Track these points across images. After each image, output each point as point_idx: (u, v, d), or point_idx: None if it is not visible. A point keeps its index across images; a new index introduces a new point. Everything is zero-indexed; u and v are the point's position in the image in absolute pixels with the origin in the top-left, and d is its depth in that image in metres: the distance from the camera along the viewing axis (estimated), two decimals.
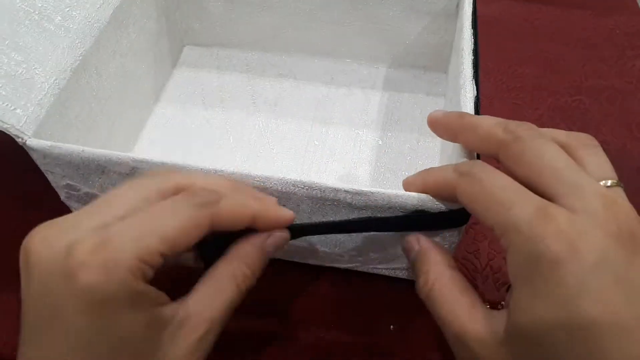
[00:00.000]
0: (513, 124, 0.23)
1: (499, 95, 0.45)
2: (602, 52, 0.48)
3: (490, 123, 0.24)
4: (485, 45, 0.48)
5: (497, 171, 0.23)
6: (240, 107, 0.43)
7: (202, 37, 0.47)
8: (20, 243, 0.35)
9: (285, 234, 0.25)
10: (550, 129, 0.24)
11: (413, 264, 0.26)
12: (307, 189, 0.27)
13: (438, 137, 0.40)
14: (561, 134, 0.24)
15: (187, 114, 0.43)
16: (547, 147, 0.22)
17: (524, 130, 0.23)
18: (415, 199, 0.26)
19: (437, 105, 0.42)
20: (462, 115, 0.26)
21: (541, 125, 0.42)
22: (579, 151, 0.23)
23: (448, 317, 0.23)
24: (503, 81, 0.46)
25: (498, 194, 0.21)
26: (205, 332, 0.22)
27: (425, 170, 0.26)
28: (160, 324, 0.21)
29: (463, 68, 0.31)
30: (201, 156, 0.40)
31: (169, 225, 0.21)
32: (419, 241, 0.26)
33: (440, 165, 0.38)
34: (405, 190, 0.26)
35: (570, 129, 0.41)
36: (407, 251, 0.27)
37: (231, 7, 0.44)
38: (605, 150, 0.40)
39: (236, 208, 0.23)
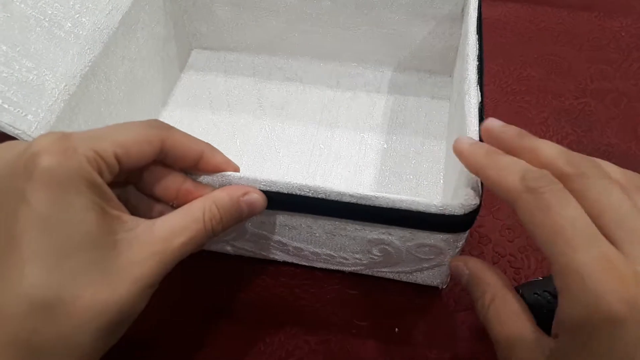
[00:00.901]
0: (577, 157, 0.22)
1: (504, 98, 0.45)
2: (607, 55, 0.48)
3: (552, 152, 0.23)
4: (491, 48, 0.48)
5: (568, 196, 0.21)
6: (247, 110, 0.44)
7: (210, 40, 0.47)
8: None
9: (261, 196, 0.26)
10: (606, 163, 0.23)
11: (467, 287, 0.26)
12: (312, 193, 0.27)
13: (443, 140, 0.41)
14: (617, 172, 0.23)
15: (195, 118, 0.43)
16: (612, 189, 0.21)
17: (589, 167, 0.22)
18: (420, 204, 0.26)
19: (442, 108, 0.43)
20: (522, 135, 0.25)
21: (546, 128, 0.42)
22: (635, 195, 0.22)
23: (500, 341, 0.23)
24: (508, 84, 0.46)
25: (567, 230, 0.20)
26: (162, 250, 0.23)
27: (491, 153, 0.24)
28: (115, 222, 0.22)
29: (468, 74, 0.32)
30: None
31: (122, 134, 0.23)
32: (466, 264, 0.26)
33: (445, 168, 0.38)
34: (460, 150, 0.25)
35: (575, 132, 0.42)
36: (457, 276, 0.27)
37: (238, 11, 0.44)
38: (609, 153, 0.41)
39: (185, 139, 0.26)
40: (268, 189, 0.27)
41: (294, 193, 0.27)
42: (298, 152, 0.41)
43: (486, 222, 0.37)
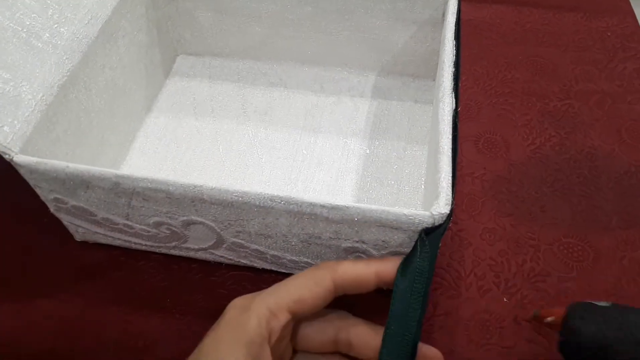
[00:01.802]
0: None
1: (488, 101, 0.45)
2: (593, 55, 0.48)
3: None
4: (476, 51, 0.48)
5: None
6: (230, 116, 0.44)
7: (195, 46, 0.47)
8: (13, 253, 0.36)
9: None
10: None
11: None
12: (284, 204, 0.27)
13: (425, 145, 0.41)
14: None
15: (179, 124, 0.43)
16: None
17: None
18: (390, 214, 0.26)
19: (425, 112, 0.43)
20: None
21: (530, 130, 0.42)
22: None
23: None
24: (492, 86, 0.46)
25: None
26: None
27: None
28: None
29: (443, 80, 0.32)
30: (190, 167, 0.40)
31: (295, 286, 0.25)
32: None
33: (427, 174, 0.38)
34: None
35: (558, 134, 0.42)
36: None
37: (221, 17, 0.44)
38: (592, 155, 0.41)
39: (355, 266, 0.26)
40: (240, 199, 0.27)
41: (266, 205, 0.27)
42: (280, 158, 0.41)
43: (466, 226, 0.37)
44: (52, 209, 0.34)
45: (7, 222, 0.39)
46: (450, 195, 0.26)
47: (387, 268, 0.26)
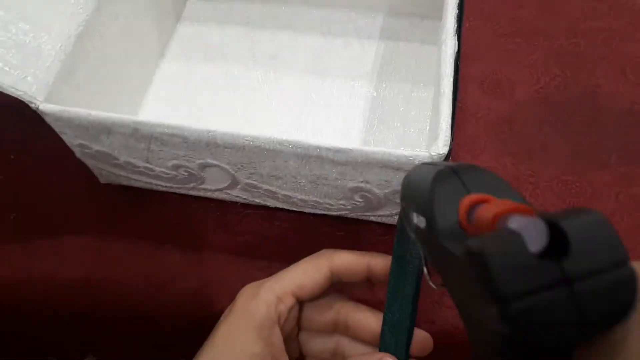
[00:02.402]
0: None
1: (495, 41, 0.45)
2: None
3: None
4: None
5: None
6: (240, 61, 0.45)
7: None
8: (46, 196, 0.39)
9: None
10: None
11: None
12: (292, 147, 0.29)
13: (431, 87, 0.42)
14: None
15: (191, 70, 0.45)
16: None
17: None
18: (392, 155, 0.28)
19: (432, 54, 0.43)
20: None
21: (534, 70, 0.43)
22: None
23: None
24: (500, 25, 0.46)
25: None
26: None
27: None
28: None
29: (446, 22, 0.32)
30: (203, 112, 0.42)
31: (296, 272, 0.27)
32: None
33: (432, 115, 0.39)
34: None
35: (563, 73, 0.42)
36: None
37: None
38: (596, 94, 0.41)
39: (350, 255, 0.28)
40: (251, 143, 0.29)
41: (275, 149, 0.29)
42: (290, 103, 0.42)
43: None
44: (77, 154, 0.36)
45: (37, 167, 0.41)
46: (449, 136, 0.28)
47: (378, 261, 0.27)
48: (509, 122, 0.41)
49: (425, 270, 0.23)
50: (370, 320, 0.28)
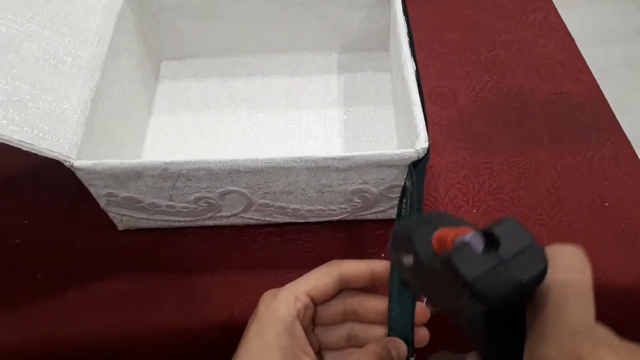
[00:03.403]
0: None
1: (433, 61, 0.54)
2: (509, 11, 0.58)
3: None
4: (415, 20, 0.57)
5: None
6: (222, 107, 0.51)
7: (176, 51, 0.54)
8: (69, 246, 0.43)
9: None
10: None
11: None
12: (303, 162, 0.35)
13: (390, 105, 0.49)
14: None
15: (179, 121, 0.50)
16: None
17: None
18: (386, 155, 0.35)
19: (385, 79, 0.51)
20: None
21: (470, 80, 0.52)
22: None
23: None
24: (434, 48, 0.55)
25: None
26: None
27: None
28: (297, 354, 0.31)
29: (402, 49, 0.40)
30: (200, 155, 0.48)
31: (310, 276, 0.32)
32: None
33: (396, 127, 0.47)
34: None
35: (492, 79, 0.52)
36: None
37: (198, 23, 0.51)
38: (520, 92, 0.51)
39: (354, 263, 0.32)
40: (269, 164, 0.35)
41: (289, 166, 0.35)
42: (274, 134, 0.49)
43: (435, 162, 0.47)
44: (102, 204, 0.40)
45: (58, 223, 0.45)
46: (426, 134, 0.35)
47: (380, 266, 0.33)
48: (459, 124, 0.49)
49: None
50: (374, 303, 0.32)
